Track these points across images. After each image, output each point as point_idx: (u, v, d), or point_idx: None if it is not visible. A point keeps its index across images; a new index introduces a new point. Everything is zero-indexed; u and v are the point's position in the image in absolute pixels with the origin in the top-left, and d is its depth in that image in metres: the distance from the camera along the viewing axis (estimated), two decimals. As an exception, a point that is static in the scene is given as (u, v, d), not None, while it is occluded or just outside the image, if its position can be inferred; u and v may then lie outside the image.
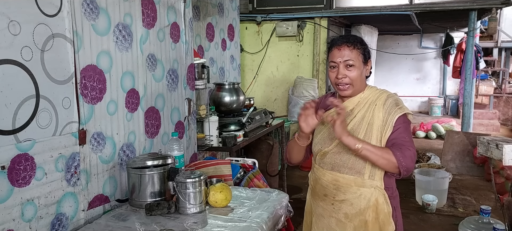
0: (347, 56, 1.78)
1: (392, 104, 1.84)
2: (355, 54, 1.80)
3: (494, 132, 8.73)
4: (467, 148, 5.60)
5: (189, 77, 3.15)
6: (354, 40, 1.82)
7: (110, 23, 2.30)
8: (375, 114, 1.82)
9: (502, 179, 4.72)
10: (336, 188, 1.85)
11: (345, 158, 1.82)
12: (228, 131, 3.74)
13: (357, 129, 1.82)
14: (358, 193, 1.82)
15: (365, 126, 1.81)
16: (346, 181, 1.83)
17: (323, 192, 1.90)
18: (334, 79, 1.82)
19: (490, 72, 10.41)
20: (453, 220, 3.97)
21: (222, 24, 4.48)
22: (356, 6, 5.99)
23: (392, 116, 1.80)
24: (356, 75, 1.80)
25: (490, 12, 5.95)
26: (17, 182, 1.76)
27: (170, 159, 2.32)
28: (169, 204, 2.09)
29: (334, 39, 1.86)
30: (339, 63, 1.79)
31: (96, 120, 2.21)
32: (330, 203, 1.88)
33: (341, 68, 1.79)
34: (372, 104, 1.84)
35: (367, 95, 1.87)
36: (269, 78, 6.29)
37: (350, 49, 1.79)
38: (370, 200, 1.81)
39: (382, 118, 1.81)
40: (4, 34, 1.68)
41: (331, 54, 1.83)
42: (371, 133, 1.80)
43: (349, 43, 1.80)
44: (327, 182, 1.87)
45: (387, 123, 1.80)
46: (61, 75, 1.97)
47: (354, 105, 1.86)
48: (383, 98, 1.85)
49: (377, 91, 1.89)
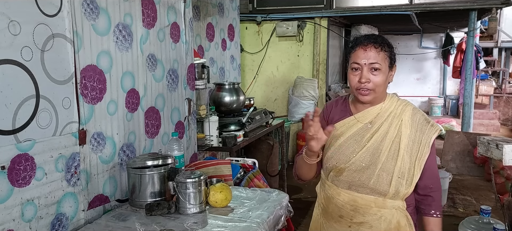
0: (373, 58, 1.57)
1: (423, 121, 1.67)
2: (382, 57, 1.59)
3: (494, 132, 8.73)
4: (467, 148, 5.60)
5: (189, 77, 3.15)
6: (382, 41, 1.63)
7: (110, 23, 2.30)
8: (403, 131, 1.63)
9: (502, 179, 4.72)
10: (353, 209, 1.66)
11: (365, 177, 1.62)
12: (228, 131, 3.74)
13: (379, 146, 1.62)
14: (378, 214, 1.64)
15: (390, 144, 1.62)
16: (366, 202, 1.65)
17: (338, 213, 1.70)
18: (356, 83, 1.60)
19: (490, 72, 10.41)
20: (453, 220, 3.97)
21: (222, 24, 4.48)
22: (356, 6, 5.99)
23: (427, 135, 1.63)
24: (381, 81, 1.59)
25: (490, 12, 5.95)
26: (17, 182, 1.76)
27: (170, 159, 2.32)
28: (169, 204, 2.09)
29: (359, 38, 1.65)
30: (364, 66, 1.58)
31: (96, 120, 2.21)
32: (346, 225, 1.69)
33: (365, 71, 1.58)
34: (396, 118, 1.66)
35: (389, 107, 1.68)
36: (269, 78, 6.29)
37: (377, 51, 1.59)
38: (391, 222, 1.64)
39: (411, 137, 1.63)
40: (4, 34, 1.68)
41: (355, 55, 1.61)
42: (396, 152, 1.62)
43: (377, 44, 1.60)
44: (343, 203, 1.68)
45: (421, 144, 1.63)
46: (61, 75, 1.97)
47: (374, 117, 1.67)
48: (408, 113, 1.67)
49: (399, 102, 1.71)
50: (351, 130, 1.68)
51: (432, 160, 1.67)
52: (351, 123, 1.70)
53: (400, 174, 1.62)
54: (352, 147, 1.66)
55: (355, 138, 1.67)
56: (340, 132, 1.69)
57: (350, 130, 1.68)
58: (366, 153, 1.63)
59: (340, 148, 1.67)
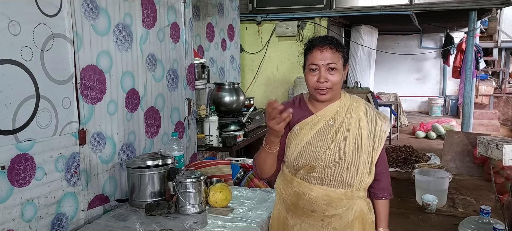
0: (330, 59, 1.66)
1: (375, 114, 1.79)
2: (337, 57, 1.68)
3: (494, 132, 8.73)
4: (467, 148, 5.60)
5: (189, 77, 3.15)
6: (336, 42, 1.71)
7: (110, 23, 2.30)
8: (362, 125, 1.75)
9: (502, 179, 4.72)
10: (327, 204, 1.75)
11: (337, 172, 1.72)
12: (228, 131, 3.74)
13: (345, 141, 1.72)
14: (347, 206, 1.75)
15: (354, 138, 1.73)
16: (338, 195, 1.74)
17: (310, 208, 1.76)
18: (315, 83, 1.68)
19: (490, 72, 10.42)
20: (453, 220, 3.97)
21: (222, 24, 4.48)
22: (356, 6, 5.99)
23: (382, 128, 1.77)
24: (338, 80, 1.69)
25: (490, 12, 5.95)
26: (17, 182, 1.76)
27: (170, 159, 2.32)
28: (169, 204, 2.09)
29: (314, 40, 1.73)
30: (321, 66, 1.66)
31: (96, 120, 2.21)
32: (319, 219, 1.77)
33: (323, 71, 1.66)
34: (354, 113, 1.76)
35: (346, 103, 1.78)
36: (269, 78, 6.29)
37: (333, 52, 1.67)
38: (356, 211, 1.77)
39: (369, 129, 1.75)
40: (4, 34, 1.68)
41: (312, 56, 1.69)
42: (360, 145, 1.73)
43: (332, 45, 1.68)
44: (316, 198, 1.75)
45: (377, 135, 1.75)
46: (61, 75, 1.97)
47: (334, 113, 1.76)
48: (363, 107, 1.79)
49: (353, 98, 1.82)
50: (315, 127, 1.75)
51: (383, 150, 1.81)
52: (314, 121, 1.76)
53: (363, 165, 1.73)
54: (319, 144, 1.73)
55: (321, 135, 1.74)
56: (305, 131, 1.75)
57: (314, 128, 1.75)
58: (334, 148, 1.72)
59: (308, 146, 1.74)
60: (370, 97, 6.28)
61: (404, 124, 9.24)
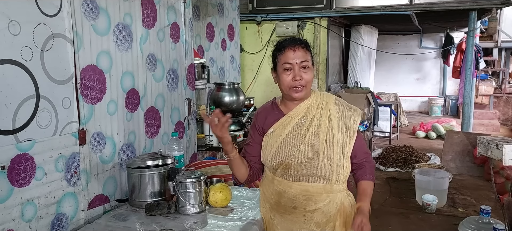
0: (302, 57, 1.73)
1: (346, 107, 1.84)
2: (308, 56, 1.76)
3: (494, 132, 8.73)
4: (467, 148, 5.60)
5: (189, 77, 3.15)
6: (306, 42, 1.79)
7: (110, 23, 2.30)
8: (332, 120, 1.79)
9: (502, 179, 4.72)
10: (306, 199, 1.79)
11: (312, 167, 1.77)
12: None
13: (316, 137, 1.77)
14: (328, 199, 1.79)
15: (325, 133, 1.78)
16: (316, 190, 1.79)
17: (291, 205, 1.82)
18: (290, 81, 1.74)
19: (490, 72, 10.42)
20: (453, 220, 3.97)
21: (222, 24, 4.48)
22: (356, 6, 5.99)
23: (353, 120, 1.81)
24: (310, 78, 1.76)
25: (490, 12, 5.95)
26: (17, 182, 1.76)
27: (170, 159, 2.32)
28: (169, 204, 2.09)
29: (285, 41, 1.78)
30: (295, 65, 1.72)
31: (96, 120, 2.21)
32: (301, 215, 1.81)
33: (297, 69, 1.72)
34: (324, 109, 1.81)
35: (315, 100, 1.83)
36: (269, 78, 6.28)
37: (304, 51, 1.74)
38: (338, 204, 1.80)
39: (340, 123, 1.79)
40: (4, 34, 1.68)
41: (284, 56, 1.73)
42: (332, 139, 1.77)
43: (303, 45, 1.75)
44: (295, 194, 1.80)
45: (349, 128, 1.80)
46: (61, 75, 1.97)
47: (305, 111, 1.82)
48: (333, 102, 1.83)
49: (323, 95, 1.86)
50: (288, 127, 1.82)
51: (360, 139, 1.86)
52: (286, 121, 1.83)
53: (338, 158, 1.78)
54: (292, 142, 1.79)
55: (293, 134, 1.80)
56: (279, 132, 1.82)
57: (287, 128, 1.82)
58: (307, 145, 1.77)
59: (282, 146, 1.80)
60: (370, 97, 6.27)
61: (404, 123, 9.24)
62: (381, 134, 7.94)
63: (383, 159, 6.07)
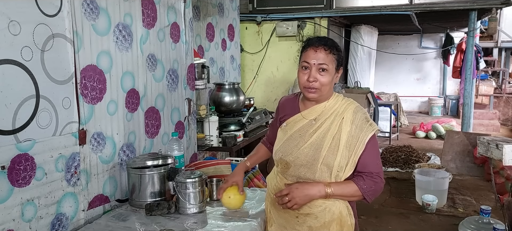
0: (322, 59, 1.69)
1: (363, 119, 1.75)
2: (330, 59, 1.70)
3: (494, 132, 8.73)
4: (467, 148, 5.60)
5: (189, 77, 3.15)
6: (332, 44, 1.74)
7: (110, 23, 2.30)
8: (343, 128, 1.73)
9: (502, 179, 4.72)
10: None
11: (310, 172, 1.74)
12: (228, 131, 3.74)
13: (321, 142, 1.73)
14: (323, 206, 1.75)
15: (330, 140, 1.72)
16: None
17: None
18: (305, 81, 1.72)
19: (490, 72, 10.41)
20: (453, 220, 3.97)
21: (222, 24, 4.48)
22: (356, 6, 5.99)
23: (365, 133, 1.72)
24: (327, 81, 1.71)
25: (490, 12, 5.95)
26: (17, 182, 1.76)
27: (170, 159, 2.32)
28: (169, 204, 2.09)
29: (311, 39, 1.77)
30: (313, 65, 1.70)
31: (96, 120, 2.21)
32: (294, 216, 1.80)
33: (313, 70, 1.70)
34: (338, 117, 1.75)
35: (332, 105, 1.79)
36: (269, 78, 6.29)
37: (326, 53, 1.70)
38: (335, 213, 1.75)
39: (352, 134, 1.72)
40: (4, 34, 1.68)
41: (306, 54, 1.73)
42: (337, 148, 1.71)
43: (327, 47, 1.71)
44: None
45: (358, 140, 1.71)
46: (61, 75, 1.97)
47: (318, 114, 1.78)
48: (350, 111, 1.76)
49: (343, 102, 1.80)
50: (297, 125, 1.82)
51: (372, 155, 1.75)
52: (297, 119, 1.83)
53: (339, 168, 1.72)
54: (296, 140, 1.79)
55: (300, 133, 1.80)
56: (289, 128, 1.84)
57: (296, 126, 1.82)
58: (309, 147, 1.75)
59: (286, 142, 1.82)
60: (370, 97, 6.28)
61: (404, 124, 9.24)
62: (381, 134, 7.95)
63: (383, 159, 6.07)
